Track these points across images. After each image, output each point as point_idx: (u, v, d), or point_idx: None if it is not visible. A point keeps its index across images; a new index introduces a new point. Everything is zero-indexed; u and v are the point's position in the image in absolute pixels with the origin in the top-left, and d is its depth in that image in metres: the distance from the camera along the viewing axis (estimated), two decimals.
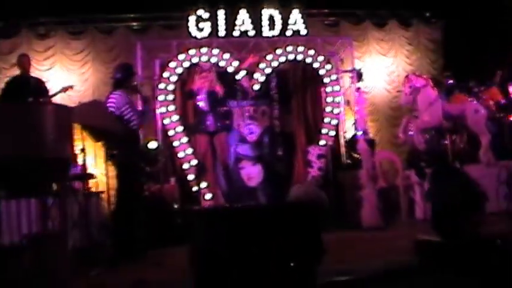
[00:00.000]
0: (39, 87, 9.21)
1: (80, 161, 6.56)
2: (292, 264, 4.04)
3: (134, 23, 12.60)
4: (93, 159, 7.42)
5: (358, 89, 10.47)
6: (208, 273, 3.85)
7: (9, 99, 8.69)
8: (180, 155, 10.36)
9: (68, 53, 12.28)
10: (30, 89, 8.98)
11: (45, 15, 12.25)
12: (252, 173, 10.95)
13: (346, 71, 11.77)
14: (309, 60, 11.16)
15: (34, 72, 9.88)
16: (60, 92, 9.48)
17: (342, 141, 11.25)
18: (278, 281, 3.98)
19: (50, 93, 9.36)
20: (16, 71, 9.80)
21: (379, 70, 13.02)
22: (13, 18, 12.03)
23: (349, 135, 11.27)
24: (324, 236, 4.39)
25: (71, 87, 9.83)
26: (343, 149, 11.22)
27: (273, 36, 11.14)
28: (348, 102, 11.59)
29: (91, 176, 7.44)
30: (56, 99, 9.30)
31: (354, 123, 10.96)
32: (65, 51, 12.27)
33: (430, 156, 10.18)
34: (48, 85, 9.75)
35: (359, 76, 11.49)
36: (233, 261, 3.91)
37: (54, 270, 4.42)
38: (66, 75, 12.01)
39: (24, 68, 9.30)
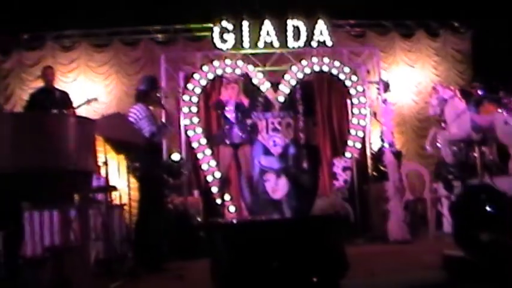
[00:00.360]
0: (63, 99, 9.29)
1: (102, 173, 6.58)
2: (314, 279, 4.00)
3: (158, 35, 12.67)
4: (116, 171, 7.44)
5: (385, 100, 10.40)
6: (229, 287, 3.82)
7: (34, 111, 8.76)
8: (204, 167, 10.39)
9: (92, 65, 12.37)
10: (54, 101, 9.06)
11: (70, 27, 12.37)
12: (276, 186, 10.90)
13: (372, 82, 11.71)
14: (334, 71, 11.14)
15: (58, 84, 9.96)
16: (84, 104, 9.55)
17: (368, 153, 11.18)
18: None
19: (74, 105, 9.43)
20: (40, 83, 9.89)
21: (406, 81, 12.92)
22: (38, 31, 12.17)
23: (375, 147, 11.18)
24: (348, 250, 4.35)
25: (95, 99, 9.88)
26: (369, 161, 11.14)
27: (298, 48, 11.13)
28: (374, 114, 11.51)
29: (113, 189, 7.48)
30: (80, 111, 9.36)
31: (381, 135, 10.87)
32: (89, 64, 12.36)
33: (458, 168, 10.06)
34: (72, 97, 9.83)
35: (386, 87, 11.40)
36: (254, 275, 3.88)
37: (75, 282, 4.41)
38: (90, 87, 12.09)
39: (48, 80, 9.39)
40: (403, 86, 12.80)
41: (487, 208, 4.88)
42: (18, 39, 12.15)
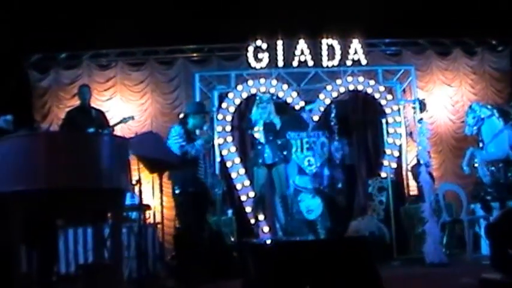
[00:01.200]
0: (99, 117, 9.38)
1: (136, 191, 6.61)
2: None
3: (194, 54, 12.75)
4: (150, 190, 7.45)
5: (421, 119, 10.29)
6: None
7: (70, 129, 8.87)
8: (238, 187, 10.39)
9: (128, 84, 12.47)
10: (90, 119, 9.16)
11: (106, 47, 12.52)
12: (311, 206, 10.85)
13: (408, 101, 11.62)
14: (369, 90, 11.09)
15: (94, 103, 10.09)
16: (120, 122, 9.65)
17: (404, 173, 11.07)
18: None
19: (111, 123, 9.52)
20: (77, 102, 10.01)
21: (442, 100, 12.77)
22: (75, 50, 12.34)
23: (411, 167, 11.07)
24: (383, 272, 4.29)
25: (132, 117, 9.99)
26: (405, 182, 11.03)
27: (333, 66, 11.11)
28: (410, 134, 11.42)
29: (147, 207, 7.51)
30: (116, 130, 9.45)
31: (417, 155, 10.75)
32: (125, 82, 12.46)
33: (496, 189, 9.88)
34: (107, 115, 9.93)
35: (422, 106, 11.30)
36: None
37: None
38: (126, 105, 12.18)
39: (84, 98, 9.49)
40: (439, 105, 12.66)
41: None
42: (55, 58, 12.32)
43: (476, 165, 9.97)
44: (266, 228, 10.16)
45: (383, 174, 10.80)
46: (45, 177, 4.58)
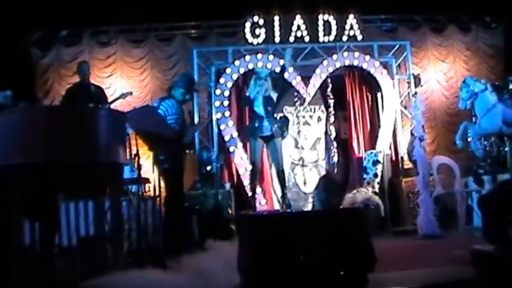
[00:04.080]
0: (98, 93, 9.33)
1: (135, 165, 6.57)
2: (342, 272, 3.92)
3: (192, 31, 12.65)
4: (150, 164, 7.41)
5: (415, 93, 10.24)
6: (255, 280, 3.76)
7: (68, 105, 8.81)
8: (236, 160, 10.39)
9: (128, 61, 12.39)
10: (89, 95, 9.11)
11: (106, 24, 12.42)
12: (307, 179, 10.88)
13: (403, 77, 11.57)
14: (365, 65, 11.04)
15: (95, 79, 10.02)
16: (119, 98, 9.60)
17: (398, 147, 11.07)
18: None
19: (110, 99, 9.47)
20: (78, 78, 9.96)
21: (437, 75, 12.72)
22: (76, 27, 12.24)
23: (405, 141, 11.04)
24: (377, 244, 4.27)
25: (130, 93, 9.94)
26: (399, 155, 11.03)
27: (329, 42, 11.05)
28: (405, 108, 11.40)
29: (146, 181, 7.48)
30: (116, 106, 9.40)
31: (411, 130, 10.73)
32: (125, 59, 12.39)
33: (488, 163, 9.89)
34: (108, 91, 9.88)
35: (417, 81, 11.26)
36: (281, 268, 3.82)
37: (107, 272, 4.40)
38: (126, 82, 12.13)
39: (83, 75, 9.42)
40: (433, 81, 12.61)
41: None
42: (56, 35, 12.23)
43: (469, 139, 9.94)
44: (263, 201, 10.20)
45: (378, 148, 10.79)
46: (44, 152, 4.56)
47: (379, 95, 11.38)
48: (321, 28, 11.01)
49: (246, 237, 3.96)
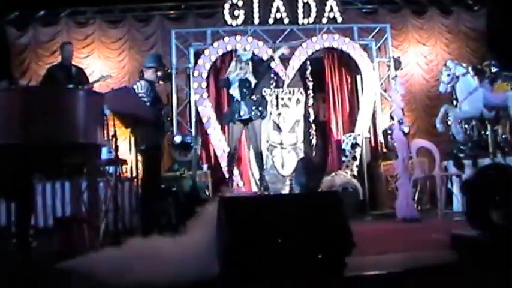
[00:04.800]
0: (79, 75, 9.31)
1: (112, 146, 6.55)
2: (319, 256, 3.95)
3: (171, 12, 12.57)
4: (127, 145, 7.39)
5: (396, 76, 10.28)
6: (233, 263, 3.77)
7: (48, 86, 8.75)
8: (213, 142, 10.40)
9: (105, 41, 12.31)
10: (70, 76, 9.08)
11: (84, 4, 12.31)
12: (285, 161, 10.90)
13: (383, 60, 11.61)
14: (344, 48, 11.06)
15: (74, 60, 9.92)
16: (98, 80, 9.58)
17: (378, 130, 11.13)
18: (305, 274, 3.88)
19: (90, 81, 9.45)
20: (56, 59, 9.89)
21: (417, 58, 12.76)
22: (53, 7, 12.11)
23: (385, 124, 11.11)
24: (356, 227, 4.29)
25: (109, 76, 9.94)
26: (378, 139, 11.10)
27: (308, 24, 11.05)
28: (384, 91, 11.45)
29: (123, 162, 7.47)
30: (94, 87, 9.36)
31: (390, 112, 10.79)
32: (102, 40, 12.30)
33: (469, 147, 9.95)
34: (86, 72, 9.83)
35: (397, 64, 11.29)
36: (258, 251, 3.83)
37: (83, 253, 4.40)
38: (104, 63, 12.07)
39: (66, 56, 9.36)
40: (413, 64, 12.65)
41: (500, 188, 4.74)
42: (33, 15, 12.10)
43: (449, 122, 10.00)
44: (241, 183, 10.23)
45: (357, 131, 10.84)
46: (20, 132, 4.58)
47: (358, 77, 11.44)
48: (300, 10, 11.04)
49: (223, 221, 3.96)
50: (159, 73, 7.26)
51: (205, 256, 3.99)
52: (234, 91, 9.03)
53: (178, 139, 9.78)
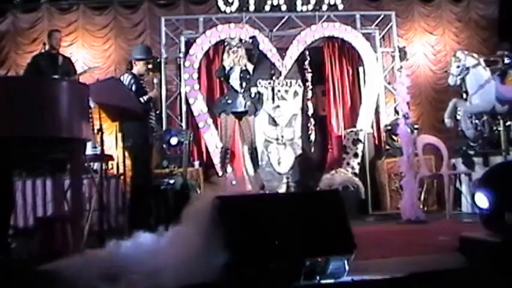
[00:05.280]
0: (66, 65, 9.32)
1: (97, 141, 6.58)
2: (319, 259, 3.98)
3: None
4: (114, 140, 7.42)
5: (401, 67, 10.31)
6: (227, 267, 3.79)
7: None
8: (205, 136, 10.41)
9: (90, 29, 12.31)
10: (57, 66, 9.09)
11: None
12: (281, 158, 10.91)
13: (387, 50, 11.63)
14: (346, 37, 11.07)
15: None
16: (85, 72, 9.59)
17: (381, 125, 11.14)
18: (302, 277, 3.91)
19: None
20: (38, 47, 9.88)
21: (423, 49, 12.78)
22: None
23: (389, 119, 11.13)
24: (357, 229, 4.31)
25: (96, 67, 9.98)
26: (382, 134, 11.11)
27: (307, 11, 11.06)
28: (388, 84, 11.47)
29: (110, 158, 7.49)
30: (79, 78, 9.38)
31: (395, 106, 10.82)
32: (87, 27, 12.30)
33: (479, 143, 9.93)
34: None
35: (402, 54, 11.32)
36: (252, 253, 3.84)
37: (66, 254, 4.42)
38: (88, 52, 12.06)
39: (53, 44, 9.37)
40: (420, 55, 12.68)
41: None
42: (12, 0, 12.06)
43: (459, 117, 10.01)
44: (234, 181, 10.24)
45: (359, 126, 10.85)
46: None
47: (361, 69, 11.43)
48: None
49: (215, 222, 3.97)
50: (149, 66, 7.31)
51: (195, 258, 4.00)
52: (234, 82, 9.05)
53: (174, 141, 9.75)
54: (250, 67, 9.21)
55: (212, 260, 3.81)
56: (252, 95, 9.61)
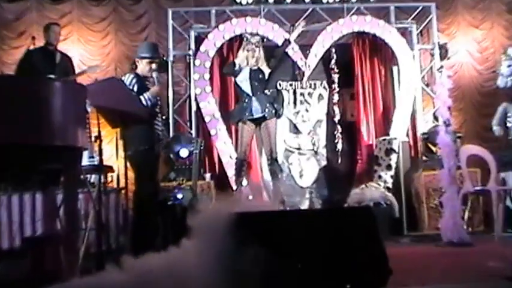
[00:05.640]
0: (65, 64, 9.39)
1: (95, 150, 6.61)
2: (348, 286, 3.96)
3: None
4: (114, 149, 7.44)
5: (441, 67, 10.28)
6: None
7: (27, 74, 8.78)
8: (218, 146, 10.41)
9: (87, 22, 12.36)
10: (54, 64, 9.13)
11: None
12: (304, 170, 10.91)
13: (426, 47, 11.60)
14: (378, 32, 11.05)
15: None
16: (84, 72, 9.65)
17: (418, 133, 11.11)
18: None
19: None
20: (25, 42, 9.93)
21: (468, 46, 12.74)
22: None
23: (427, 126, 11.09)
24: (391, 251, 4.30)
25: (97, 66, 10.05)
26: (419, 144, 11.07)
27: (334, 2, 11.06)
28: (427, 86, 11.43)
29: (109, 169, 7.50)
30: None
31: (434, 112, 10.78)
32: (83, 20, 12.35)
33: None
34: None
35: (443, 52, 11.28)
36: (275, 279, 3.83)
37: (59, 279, 4.42)
38: (84, 48, 12.11)
39: (51, 39, 9.44)
40: (463, 52, 12.63)
41: None
42: None
43: (509, 124, 9.98)
44: (250, 196, 10.22)
45: (392, 134, 10.82)
46: None
47: (395, 69, 11.41)
48: None
49: (229, 241, 3.96)
50: (153, 65, 7.33)
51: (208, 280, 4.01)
52: (244, 84, 9.04)
53: (184, 153, 9.75)
54: (266, 70, 9.19)
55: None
56: (271, 99, 9.60)
